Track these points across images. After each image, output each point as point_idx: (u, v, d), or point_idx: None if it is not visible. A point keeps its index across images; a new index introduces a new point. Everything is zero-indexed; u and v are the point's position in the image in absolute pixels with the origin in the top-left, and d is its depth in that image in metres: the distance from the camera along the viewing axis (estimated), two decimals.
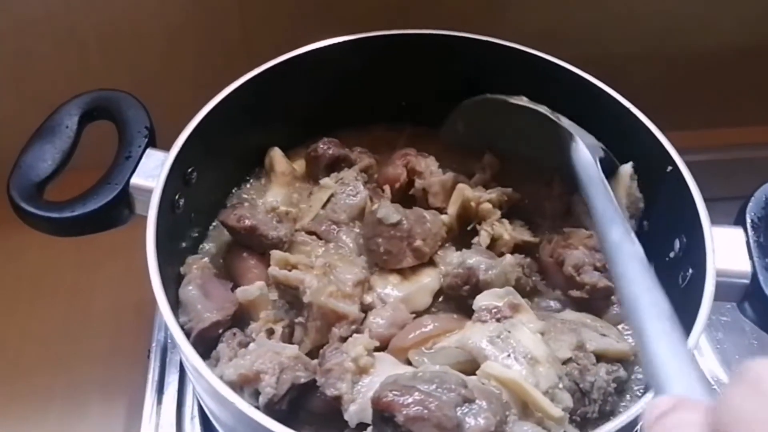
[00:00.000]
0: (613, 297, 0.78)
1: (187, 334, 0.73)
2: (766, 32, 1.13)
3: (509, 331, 0.69)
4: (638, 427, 0.60)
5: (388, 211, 0.79)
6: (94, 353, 1.02)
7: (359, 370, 0.67)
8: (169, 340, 0.95)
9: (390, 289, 0.78)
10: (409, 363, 0.71)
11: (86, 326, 1.05)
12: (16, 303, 1.07)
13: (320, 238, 0.83)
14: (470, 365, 0.69)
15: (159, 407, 0.90)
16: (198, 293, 0.75)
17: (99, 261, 1.10)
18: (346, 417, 0.65)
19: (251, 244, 0.81)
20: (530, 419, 0.64)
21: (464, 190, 0.83)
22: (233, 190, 0.92)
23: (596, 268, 0.77)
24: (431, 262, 0.81)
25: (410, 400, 0.60)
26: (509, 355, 0.67)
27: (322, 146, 0.91)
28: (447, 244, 0.83)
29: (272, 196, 0.89)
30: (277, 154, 0.92)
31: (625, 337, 0.76)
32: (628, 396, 0.74)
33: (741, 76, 1.17)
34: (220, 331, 0.74)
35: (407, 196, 0.88)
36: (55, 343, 1.03)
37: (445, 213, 0.85)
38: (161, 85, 1.05)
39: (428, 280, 0.80)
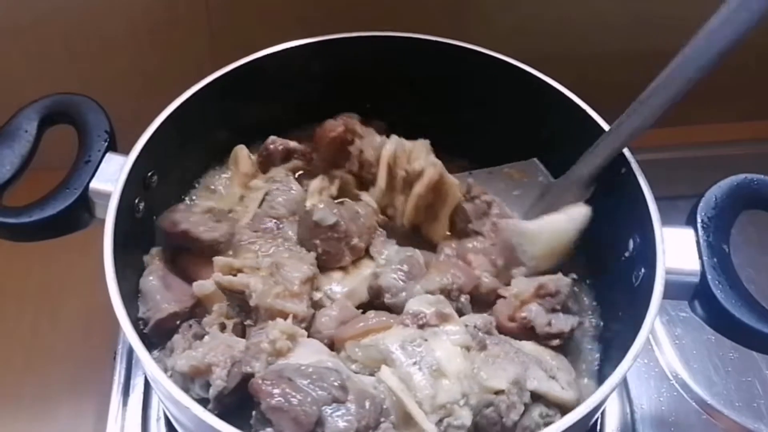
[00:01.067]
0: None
1: (145, 324, 0.74)
2: None
3: (425, 340, 0.69)
4: None
5: (324, 214, 0.79)
6: (63, 354, 1.02)
7: (275, 352, 0.68)
8: None
9: (335, 285, 0.79)
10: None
11: (55, 327, 1.05)
12: None
13: (267, 233, 0.83)
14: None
15: (125, 409, 0.90)
16: (158, 284, 0.76)
17: (67, 262, 1.09)
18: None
19: (192, 247, 0.80)
20: (411, 430, 0.65)
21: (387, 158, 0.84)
22: (195, 183, 0.92)
23: (555, 310, 0.77)
24: (368, 254, 0.83)
25: (276, 390, 0.62)
26: (414, 363, 0.67)
27: (270, 144, 0.91)
28: (383, 237, 0.84)
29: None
30: (242, 153, 0.91)
31: (582, 383, 0.77)
32: None
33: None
34: (178, 322, 0.75)
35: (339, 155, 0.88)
36: (23, 344, 1.04)
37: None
38: (123, 88, 1.05)
39: (369, 272, 0.81)
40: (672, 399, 0.92)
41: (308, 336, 0.73)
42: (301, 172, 0.92)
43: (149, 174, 0.81)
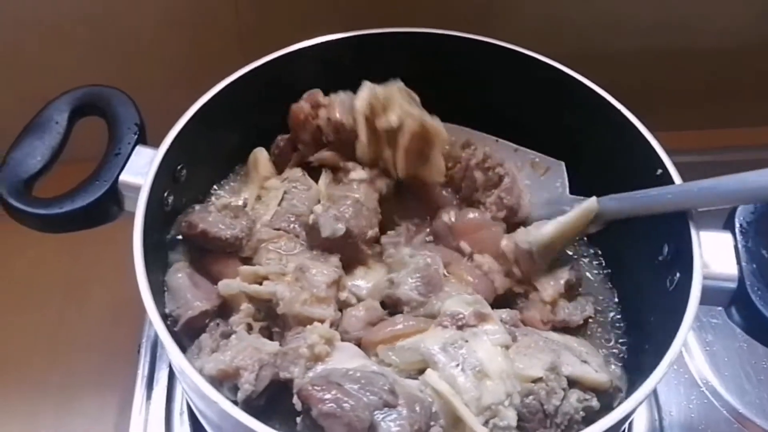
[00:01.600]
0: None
1: (174, 322, 0.73)
2: (760, 33, 1.12)
3: (466, 341, 0.69)
4: None
5: (331, 227, 0.77)
6: (89, 347, 1.03)
7: (314, 357, 0.68)
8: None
9: (360, 281, 0.79)
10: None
11: (81, 320, 1.06)
12: (12, 297, 1.08)
13: (289, 233, 0.82)
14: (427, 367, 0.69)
15: (148, 402, 0.91)
16: (188, 282, 0.75)
17: (94, 256, 1.10)
18: (294, 400, 0.65)
19: (214, 248, 0.79)
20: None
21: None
22: (213, 189, 0.91)
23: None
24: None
25: (328, 396, 0.61)
26: (457, 365, 0.66)
27: (281, 142, 0.89)
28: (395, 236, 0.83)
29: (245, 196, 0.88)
30: (262, 156, 0.90)
31: (610, 367, 0.77)
32: None
33: (733, 77, 1.16)
34: (207, 321, 0.75)
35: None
36: (50, 337, 1.04)
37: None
38: (153, 80, 1.05)
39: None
40: (702, 407, 0.91)
41: None
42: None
43: (179, 167, 0.80)
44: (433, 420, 0.64)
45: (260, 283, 0.74)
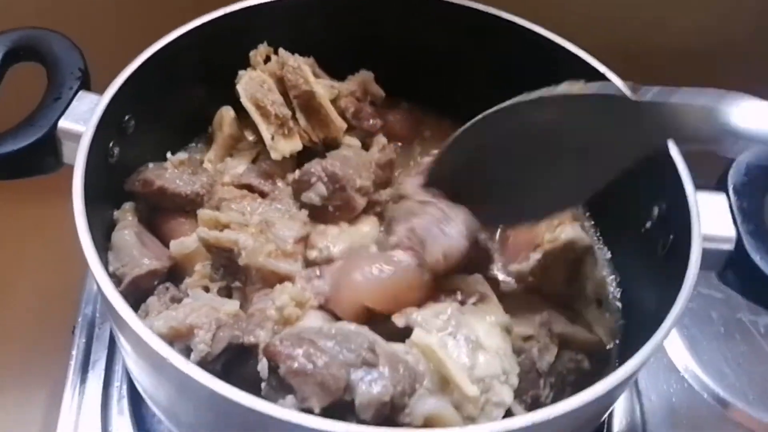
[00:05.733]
0: None
1: (118, 282, 0.66)
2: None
3: (463, 314, 0.64)
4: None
5: (313, 191, 0.73)
6: (14, 336, 0.94)
7: (283, 321, 0.61)
8: (98, 314, 0.86)
9: (331, 242, 0.72)
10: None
11: (7, 306, 0.97)
12: None
13: (253, 191, 0.76)
14: None
15: (83, 387, 0.82)
16: (135, 239, 0.69)
17: (23, 237, 1.03)
18: (258, 368, 0.58)
19: (171, 206, 0.74)
20: (447, 396, 0.59)
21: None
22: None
23: None
24: (370, 210, 0.76)
25: (298, 351, 0.55)
26: (450, 333, 0.61)
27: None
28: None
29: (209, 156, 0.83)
30: (228, 114, 0.84)
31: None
32: None
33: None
34: (155, 282, 0.68)
35: None
36: None
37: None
38: (103, 30, 0.95)
39: (368, 229, 0.75)
40: (683, 392, 0.87)
41: None
42: None
43: (126, 118, 0.73)
44: (418, 382, 0.57)
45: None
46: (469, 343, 0.61)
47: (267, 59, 0.80)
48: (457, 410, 0.58)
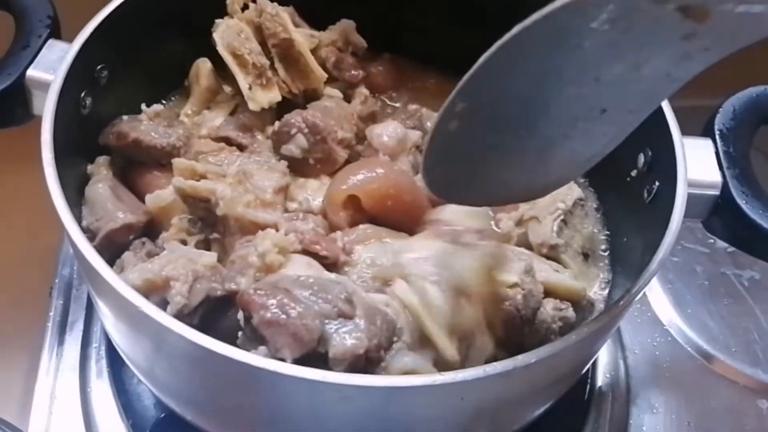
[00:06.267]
0: None
1: (92, 237, 0.64)
2: None
3: (453, 255, 0.62)
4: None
5: (293, 143, 0.71)
6: None
7: (265, 267, 0.59)
8: (75, 276, 0.84)
9: (311, 195, 0.70)
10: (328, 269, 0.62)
11: None
12: None
13: (231, 145, 0.74)
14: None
15: (60, 349, 0.80)
16: (109, 192, 0.67)
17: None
18: (238, 316, 0.57)
19: (146, 159, 0.72)
20: (427, 352, 0.57)
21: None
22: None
23: None
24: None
25: (272, 301, 0.53)
26: (435, 282, 0.59)
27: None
28: None
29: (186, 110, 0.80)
30: (205, 66, 0.81)
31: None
32: None
33: None
34: (131, 237, 0.66)
35: None
36: None
37: None
38: None
39: None
40: (666, 345, 0.87)
41: None
42: None
43: (98, 67, 0.71)
44: (396, 336, 0.56)
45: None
46: (453, 290, 0.59)
47: (245, 7, 0.78)
48: (435, 368, 0.57)
